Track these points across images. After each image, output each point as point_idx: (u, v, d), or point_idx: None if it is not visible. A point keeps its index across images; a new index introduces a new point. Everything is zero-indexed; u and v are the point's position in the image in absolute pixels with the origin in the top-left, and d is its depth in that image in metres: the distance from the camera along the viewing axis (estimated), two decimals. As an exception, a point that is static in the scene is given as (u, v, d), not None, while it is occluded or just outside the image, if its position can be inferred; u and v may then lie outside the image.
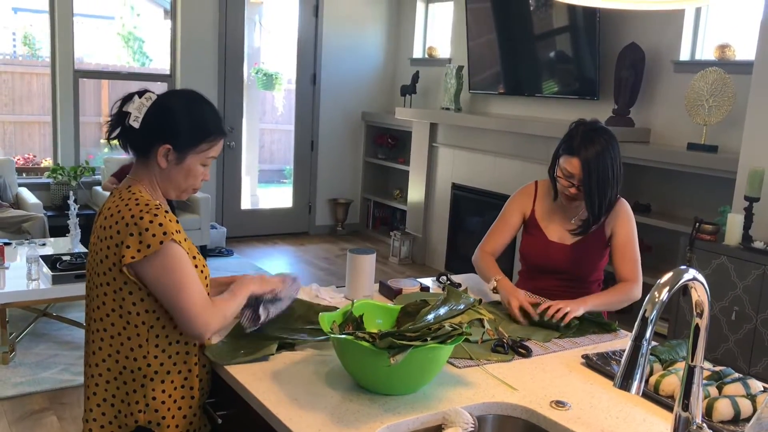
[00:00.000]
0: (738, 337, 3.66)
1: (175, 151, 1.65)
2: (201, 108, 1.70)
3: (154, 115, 1.63)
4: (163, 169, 1.67)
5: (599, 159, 2.21)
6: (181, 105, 1.68)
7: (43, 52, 7.85)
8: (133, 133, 1.65)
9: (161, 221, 1.58)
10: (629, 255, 2.32)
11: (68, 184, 6.05)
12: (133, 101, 1.64)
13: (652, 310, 1.22)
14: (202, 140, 1.67)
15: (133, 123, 1.62)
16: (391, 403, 1.56)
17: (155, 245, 1.56)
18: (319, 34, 7.21)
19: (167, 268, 1.57)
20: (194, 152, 1.67)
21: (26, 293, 3.98)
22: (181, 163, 1.67)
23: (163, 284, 1.58)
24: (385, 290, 2.36)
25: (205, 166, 1.72)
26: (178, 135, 1.65)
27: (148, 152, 1.66)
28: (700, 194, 4.56)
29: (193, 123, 1.67)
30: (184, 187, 1.72)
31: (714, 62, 4.48)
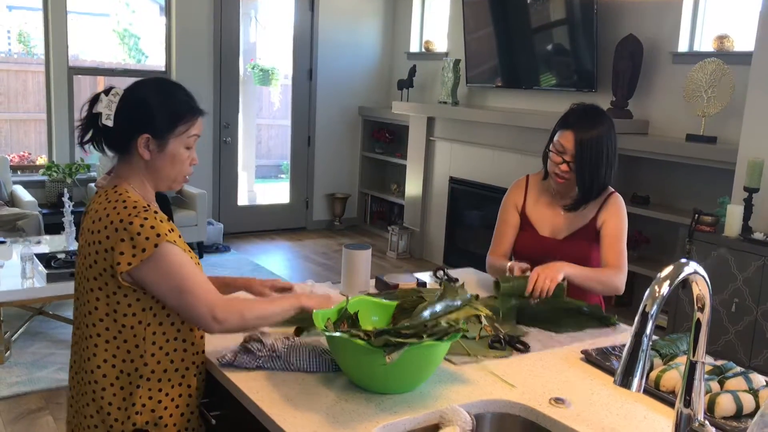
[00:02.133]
0: (738, 329, 3.63)
1: (154, 139, 1.61)
2: (170, 91, 1.66)
3: (126, 108, 1.60)
4: (148, 161, 1.63)
5: (593, 136, 2.19)
6: (150, 92, 1.64)
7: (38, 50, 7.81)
8: (108, 132, 1.61)
9: (152, 223, 1.54)
10: (616, 245, 2.28)
11: (63, 181, 6.01)
12: (101, 100, 1.60)
13: (653, 304, 1.19)
14: (178, 122, 1.63)
15: (107, 122, 1.59)
16: (387, 402, 1.53)
17: (150, 249, 1.52)
18: (315, 29, 7.16)
19: (167, 270, 1.54)
20: (174, 136, 1.63)
21: (21, 292, 3.94)
22: (164, 150, 1.63)
23: (165, 286, 1.55)
24: (381, 286, 2.33)
25: (190, 148, 1.67)
26: (153, 122, 1.60)
27: (128, 148, 1.63)
28: (698, 185, 4.53)
29: (165, 107, 1.62)
30: (173, 175, 1.67)
31: (712, 53, 4.45)
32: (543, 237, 2.35)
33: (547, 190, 2.39)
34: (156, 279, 1.54)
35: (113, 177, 1.67)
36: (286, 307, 1.67)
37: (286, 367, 1.66)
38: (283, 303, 1.68)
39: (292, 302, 1.68)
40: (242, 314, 1.59)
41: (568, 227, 2.34)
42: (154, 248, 1.52)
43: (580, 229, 2.32)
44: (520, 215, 2.42)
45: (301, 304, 1.68)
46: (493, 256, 2.44)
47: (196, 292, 1.56)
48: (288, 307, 1.67)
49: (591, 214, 2.32)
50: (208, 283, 1.60)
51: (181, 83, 1.71)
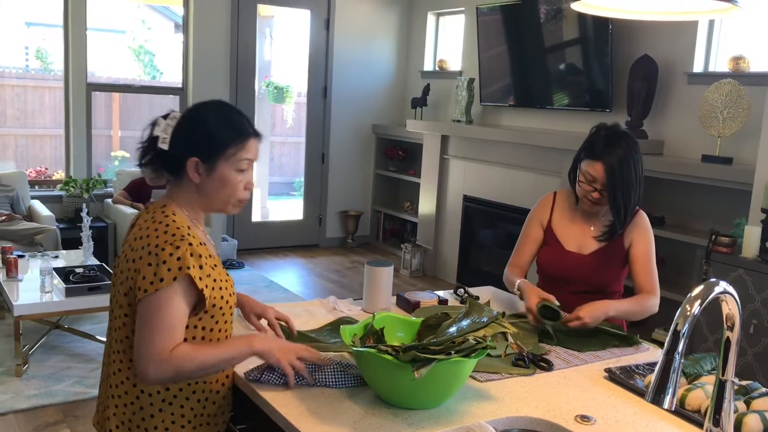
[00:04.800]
0: (757, 350, 3.62)
1: (203, 163, 1.61)
2: (221, 112, 1.66)
3: (178, 131, 1.62)
4: (198, 185, 1.62)
5: (623, 163, 2.20)
6: (202, 115, 1.65)
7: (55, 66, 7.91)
8: (164, 156, 1.63)
9: (181, 254, 1.52)
10: (648, 266, 2.31)
11: (80, 196, 6.07)
12: (159, 124, 1.62)
13: (684, 323, 1.20)
14: (228, 144, 1.61)
15: (162, 145, 1.61)
16: (414, 418, 1.54)
17: (168, 280, 1.51)
18: (330, 47, 7.23)
19: (156, 305, 1.51)
20: (223, 159, 1.61)
21: (39, 305, 3.98)
22: (213, 173, 1.62)
23: (143, 316, 1.52)
24: (402, 303, 2.34)
25: (241, 171, 1.64)
26: (201, 144, 1.61)
27: (180, 170, 1.63)
28: (715, 206, 4.53)
29: (214, 129, 1.62)
30: (223, 199, 1.65)
31: (728, 74, 4.46)
32: (568, 252, 2.36)
33: (575, 207, 2.41)
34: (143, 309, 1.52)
35: (165, 196, 1.67)
36: (233, 354, 1.58)
37: (312, 384, 1.67)
38: (231, 350, 1.58)
39: (242, 349, 1.59)
40: (179, 369, 1.52)
41: (594, 243, 2.35)
42: (172, 281, 1.51)
43: (607, 246, 2.34)
44: (545, 231, 2.44)
45: (253, 349, 1.60)
46: (510, 269, 2.46)
47: (148, 340, 1.51)
48: (236, 354, 1.59)
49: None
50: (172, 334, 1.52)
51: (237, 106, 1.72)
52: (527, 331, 2.14)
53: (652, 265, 2.32)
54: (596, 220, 2.37)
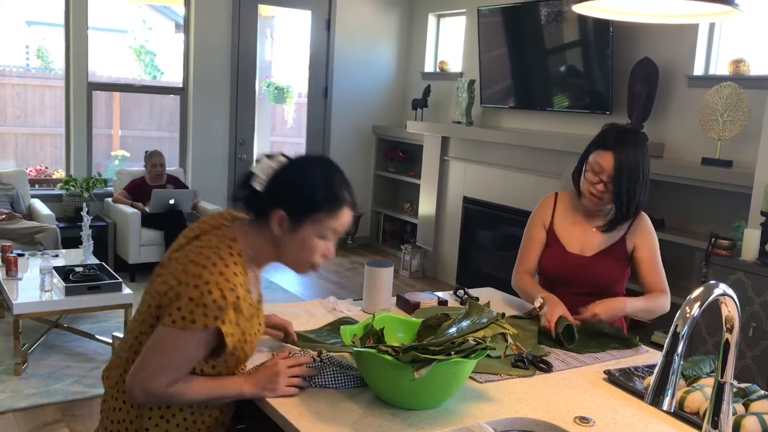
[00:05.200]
0: (755, 353, 3.62)
1: (289, 219, 1.54)
2: (323, 172, 1.58)
3: (276, 178, 1.55)
4: (278, 237, 1.56)
5: (632, 156, 2.22)
6: (303, 170, 1.57)
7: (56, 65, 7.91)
8: (254, 195, 1.57)
9: (223, 305, 1.45)
10: (655, 266, 2.32)
11: (80, 195, 6.07)
12: (261, 161, 1.57)
13: (684, 325, 1.20)
14: (319, 209, 1.54)
15: (256, 185, 1.55)
16: (414, 418, 1.54)
17: (199, 325, 1.44)
18: (331, 48, 7.24)
19: (173, 340, 1.47)
20: (310, 222, 1.54)
21: (39, 304, 3.98)
22: (295, 233, 1.55)
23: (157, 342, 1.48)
24: (402, 304, 2.34)
25: (325, 239, 1.58)
26: (292, 201, 1.54)
27: (264, 216, 1.56)
28: (714, 209, 4.54)
29: (310, 189, 1.54)
30: (297, 260, 1.59)
31: (728, 77, 4.47)
32: (570, 253, 2.37)
33: (576, 208, 2.41)
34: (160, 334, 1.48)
35: (239, 227, 1.60)
36: (223, 395, 1.57)
37: (311, 385, 1.67)
38: (222, 391, 1.56)
39: (233, 392, 1.57)
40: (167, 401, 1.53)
41: (596, 245, 2.35)
42: (202, 328, 1.45)
43: (609, 248, 2.34)
44: (547, 232, 2.44)
45: (243, 394, 1.58)
46: (518, 275, 2.46)
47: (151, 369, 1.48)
48: (226, 395, 1.57)
49: (620, 233, 2.34)
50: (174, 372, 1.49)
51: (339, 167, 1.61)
52: (527, 333, 2.14)
53: (658, 265, 2.33)
54: (598, 221, 2.37)
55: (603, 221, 2.36)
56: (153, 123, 8.08)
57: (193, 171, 6.72)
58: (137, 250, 5.76)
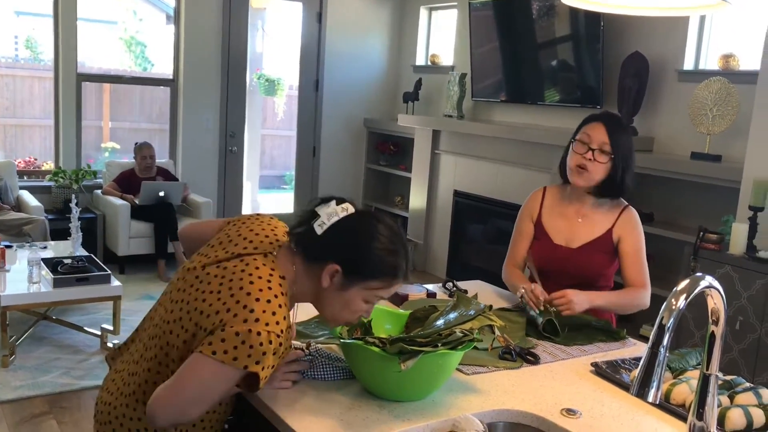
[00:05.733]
0: (742, 347, 3.65)
1: (342, 276, 1.49)
2: (389, 240, 1.52)
3: (340, 229, 1.50)
4: (324, 289, 1.51)
5: (623, 132, 2.25)
6: (372, 233, 1.51)
7: (45, 56, 7.85)
8: (312, 237, 1.51)
9: (266, 350, 1.38)
10: (638, 261, 2.32)
11: (69, 187, 6.03)
12: (329, 205, 1.52)
13: (669, 317, 1.21)
14: (375, 277, 1.50)
15: (317, 228, 1.50)
16: (401, 410, 1.54)
17: (239, 364, 1.37)
18: (322, 41, 7.21)
19: (206, 371, 1.38)
20: (362, 285, 1.51)
21: (27, 296, 3.96)
22: (344, 291, 1.50)
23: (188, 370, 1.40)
24: (391, 296, 2.33)
25: (369, 303, 1.55)
26: (352, 259, 1.49)
27: (316, 262, 1.51)
28: (703, 203, 4.56)
29: (373, 255, 1.50)
30: (335, 315, 1.55)
31: (718, 72, 4.48)
32: (557, 245, 2.37)
33: (563, 199, 2.42)
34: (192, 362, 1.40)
35: (288, 260, 1.53)
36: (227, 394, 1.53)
37: (301, 378, 1.67)
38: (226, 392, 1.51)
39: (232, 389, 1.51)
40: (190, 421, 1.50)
41: (582, 237, 2.36)
42: (241, 368, 1.37)
43: (595, 240, 2.34)
44: (535, 225, 2.44)
45: None
46: (508, 267, 2.47)
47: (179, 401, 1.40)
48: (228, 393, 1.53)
49: (607, 225, 2.35)
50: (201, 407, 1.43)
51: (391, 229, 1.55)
52: (514, 325, 2.15)
53: (641, 259, 2.33)
54: (584, 211, 2.37)
55: (590, 211, 2.36)
56: (143, 115, 8.04)
57: (183, 163, 6.70)
58: (126, 242, 5.74)
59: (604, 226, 2.35)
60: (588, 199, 2.36)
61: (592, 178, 2.27)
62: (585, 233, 2.36)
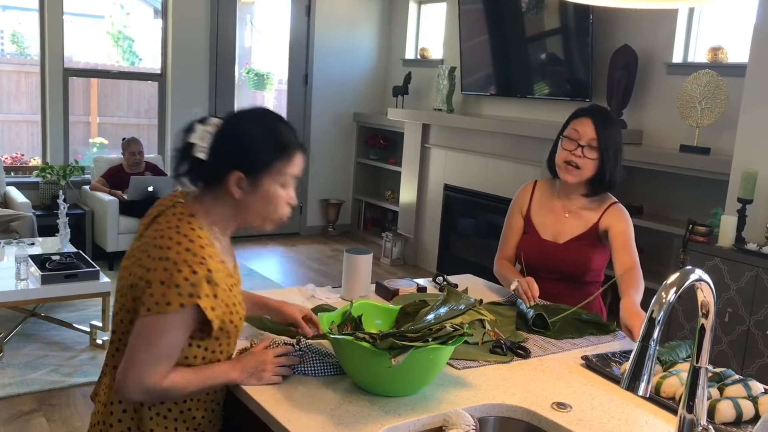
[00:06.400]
0: (731, 338, 3.66)
1: (247, 177, 1.50)
2: (268, 124, 1.55)
3: (220, 141, 1.50)
4: (239, 200, 1.52)
5: (611, 127, 2.24)
6: (246, 125, 1.53)
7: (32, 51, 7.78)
8: (200, 165, 1.51)
9: (196, 281, 1.41)
10: (629, 244, 2.28)
11: (57, 183, 5.99)
12: (195, 130, 1.51)
13: (660, 310, 1.21)
14: (274, 159, 1.52)
15: (200, 154, 1.50)
16: (391, 405, 1.54)
17: (175, 305, 1.40)
18: (311, 35, 7.19)
19: (156, 327, 1.42)
20: (269, 174, 1.52)
21: (15, 293, 3.93)
22: (257, 190, 1.52)
23: (141, 333, 1.43)
24: (381, 291, 2.34)
25: (286, 187, 1.55)
26: (246, 159, 1.50)
27: (218, 183, 1.52)
28: (692, 196, 4.57)
29: (260, 142, 1.51)
30: (264, 215, 1.56)
31: (707, 65, 4.49)
32: (544, 240, 2.37)
33: (552, 194, 2.42)
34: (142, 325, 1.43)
35: (194, 200, 1.55)
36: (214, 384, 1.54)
37: (291, 373, 1.66)
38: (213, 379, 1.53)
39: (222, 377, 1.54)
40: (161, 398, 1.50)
41: (569, 232, 2.36)
42: (179, 307, 1.40)
43: (582, 234, 2.34)
44: (524, 219, 2.44)
45: (230, 377, 1.55)
46: (498, 261, 2.47)
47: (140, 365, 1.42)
48: (216, 384, 1.55)
49: (593, 220, 2.35)
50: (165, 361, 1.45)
51: (282, 115, 1.59)
52: (505, 319, 2.14)
53: (633, 243, 2.29)
54: (571, 206, 2.37)
55: (578, 206, 2.36)
56: (131, 110, 7.98)
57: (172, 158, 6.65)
58: (115, 238, 5.71)
59: (591, 221, 2.35)
60: (576, 195, 2.36)
61: (582, 175, 2.27)
62: (572, 229, 2.36)
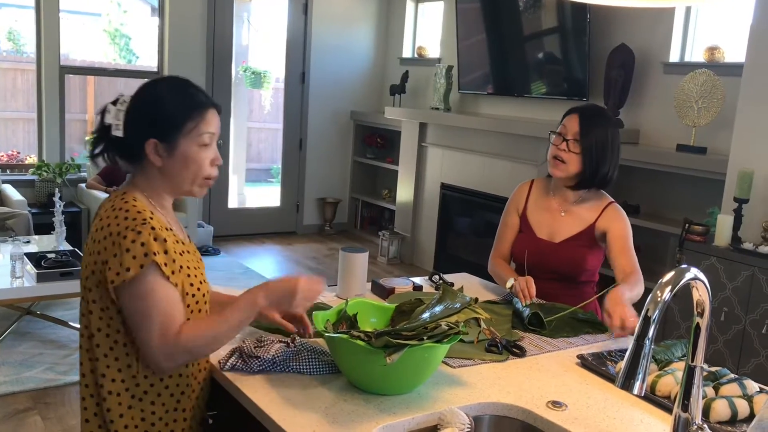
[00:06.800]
0: (727, 338, 3.67)
1: (162, 143, 1.52)
2: (173, 87, 1.57)
3: (131, 114, 1.52)
4: (161, 167, 1.54)
5: (599, 121, 2.24)
6: (153, 93, 1.55)
7: (28, 48, 7.76)
8: (119, 143, 1.54)
9: (144, 239, 1.44)
10: (628, 249, 2.28)
11: (53, 181, 5.98)
12: (109, 111, 1.53)
13: (655, 309, 1.20)
14: (184, 119, 1.53)
15: (116, 132, 1.51)
16: (386, 403, 1.53)
17: (135, 269, 1.43)
18: (308, 33, 7.17)
19: (138, 295, 1.45)
20: (183, 135, 1.53)
21: (10, 291, 3.91)
22: (174, 153, 1.53)
23: (131, 310, 1.47)
24: (377, 289, 2.33)
25: (205, 146, 1.56)
26: (157, 124, 1.52)
27: (139, 156, 1.54)
28: (689, 195, 4.58)
29: (169, 105, 1.53)
30: (189, 178, 1.56)
31: (703, 64, 4.50)
32: (539, 239, 2.37)
33: (548, 193, 2.42)
34: (127, 300, 1.46)
35: (127, 183, 1.59)
36: (242, 318, 1.53)
37: (285, 371, 1.66)
38: (238, 314, 1.52)
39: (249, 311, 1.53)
40: (191, 352, 1.50)
41: (565, 231, 2.36)
42: (139, 269, 1.43)
43: (578, 234, 2.34)
44: (520, 218, 2.44)
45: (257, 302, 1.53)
46: (493, 260, 2.47)
47: (148, 334, 1.45)
48: (244, 318, 1.53)
49: (590, 219, 2.35)
50: (169, 319, 1.46)
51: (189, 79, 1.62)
52: (501, 318, 2.14)
53: (631, 247, 2.30)
54: (568, 205, 2.37)
55: (574, 205, 2.36)
56: (128, 108, 7.98)
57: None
58: (111, 237, 5.68)
59: (587, 221, 2.35)
60: (569, 193, 2.35)
61: (568, 169, 2.28)
62: (568, 228, 2.36)
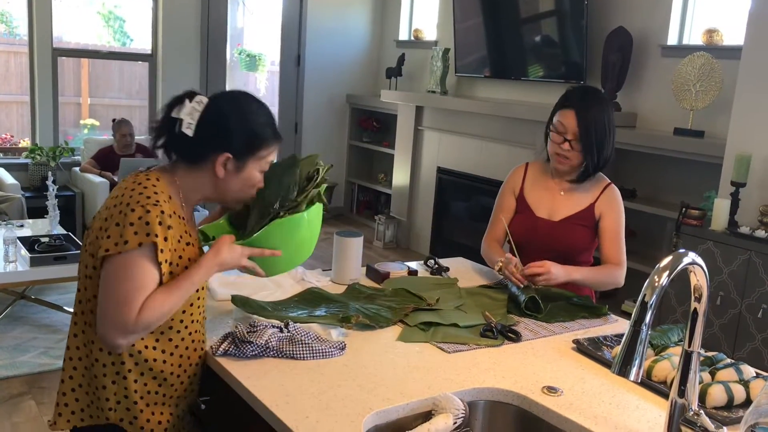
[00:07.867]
0: (723, 322, 3.66)
1: (234, 160, 1.55)
2: (256, 111, 1.60)
3: (210, 121, 1.52)
4: (221, 179, 1.56)
5: (595, 112, 2.22)
6: (237, 109, 1.57)
7: (21, 30, 7.68)
8: (185, 141, 1.53)
9: (150, 220, 1.43)
10: (616, 240, 2.31)
11: (47, 164, 5.94)
12: (184, 105, 1.52)
13: (652, 294, 1.19)
14: (261, 146, 1.58)
15: (186, 131, 1.51)
16: (380, 389, 1.52)
17: (132, 243, 1.42)
18: (303, 15, 7.11)
19: (124, 267, 1.43)
20: (253, 159, 1.58)
21: (3, 275, 3.89)
22: (241, 172, 1.57)
23: (109, 278, 1.44)
24: (372, 274, 2.32)
25: (262, 171, 1.62)
26: (236, 143, 1.54)
27: (202, 161, 1.55)
28: (686, 179, 4.56)
29: (251, 129, 1.56)
30: (241, 196, 1.62)
31: (702, 47, 4.46)
32: (539, 218, 2.36)
33: (546, 173, 2.40)
34: (110, 270, 1.44)
35: (164, 168, 1.58)
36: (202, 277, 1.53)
37: (279, 356, 1.64)
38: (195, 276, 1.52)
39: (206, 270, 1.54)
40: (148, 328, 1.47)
41: (564, 210, 2.34)
42: (137, 246, 1.42)
43: (577, 214, 2.33)
44: (517, 199, 2.42)
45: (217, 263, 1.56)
46: (486, 242, 2.45)
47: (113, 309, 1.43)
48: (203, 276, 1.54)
49: (589, 200, 2.33)
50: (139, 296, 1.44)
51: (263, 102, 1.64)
52: (496, 302, 2.13)
53: (620, 239, 2.32)
54: (567, 185, 2.36)
55: (572, 184, 2.35)
56: (123, 91, 7.91)
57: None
58: (106, 221, 5.66)
59: (587, 201, 2.34)
60: (573, 174, 2.34)
61: (573, 164, 2.29)
62: (567, 207, 2.34)
